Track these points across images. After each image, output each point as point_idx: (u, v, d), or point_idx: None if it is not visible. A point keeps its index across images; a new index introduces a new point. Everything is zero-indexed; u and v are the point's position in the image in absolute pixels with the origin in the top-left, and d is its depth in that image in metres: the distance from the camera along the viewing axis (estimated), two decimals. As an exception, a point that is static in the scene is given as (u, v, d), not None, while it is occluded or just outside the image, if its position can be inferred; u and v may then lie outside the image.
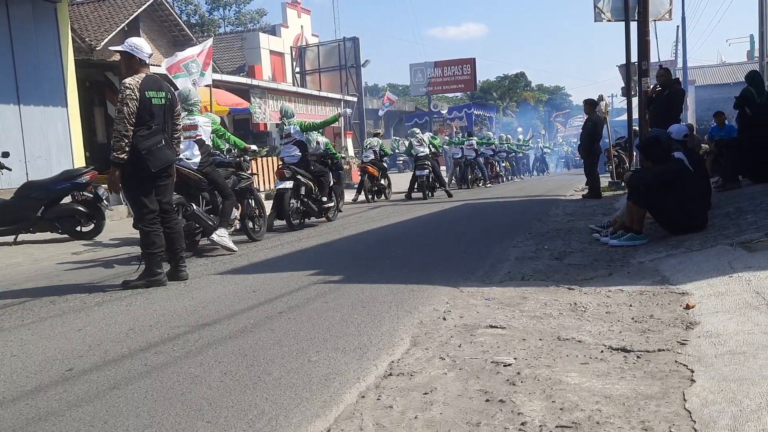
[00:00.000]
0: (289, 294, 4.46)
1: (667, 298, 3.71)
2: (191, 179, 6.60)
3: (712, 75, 42.77)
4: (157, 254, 5.04)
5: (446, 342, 3.11)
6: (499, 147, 23.62)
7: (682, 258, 4.70)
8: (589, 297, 3.89)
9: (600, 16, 12.79)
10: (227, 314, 3.94)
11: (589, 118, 11.87)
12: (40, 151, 11.18)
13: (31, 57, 11.16)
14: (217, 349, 3.18)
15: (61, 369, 2.99)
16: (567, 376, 2.54)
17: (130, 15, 20.11)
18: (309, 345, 3.17)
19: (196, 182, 6.66)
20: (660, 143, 5.84)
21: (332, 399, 2.44)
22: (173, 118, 5.23)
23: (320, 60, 29.31)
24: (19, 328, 3.91)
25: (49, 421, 2.36)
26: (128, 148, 4.81)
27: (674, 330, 3.07)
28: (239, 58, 28.72)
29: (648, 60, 11.82)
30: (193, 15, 41.27)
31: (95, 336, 3.59)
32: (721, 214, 6.21)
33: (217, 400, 2.47)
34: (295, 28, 30.47)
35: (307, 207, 9.13)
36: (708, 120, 29.10)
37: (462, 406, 2.32)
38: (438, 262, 5.56)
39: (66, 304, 4.56)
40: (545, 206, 10.83)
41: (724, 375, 2.38)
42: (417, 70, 36.04)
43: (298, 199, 8.98)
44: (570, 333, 3.14)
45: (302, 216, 9.23)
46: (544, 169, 32.64)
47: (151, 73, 5.10)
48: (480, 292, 4.20)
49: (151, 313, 4.09)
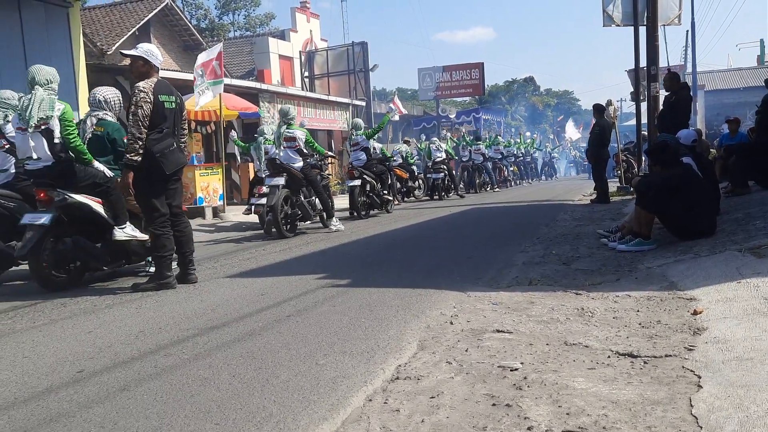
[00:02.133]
0: (297, 297, 4.48)
1: (674, 303, 3.71)
2: (296, 178, 8.74)
3: (721, 80, 42.53)
4: (167, 257, 5.08)
5: (453, 346, 3.12)
6: (507, 151, 23.63)
7: (691, 263, 4.69)
8: (596, 302, 3.89)
9: (609, 20, 12.79)
10: (236, 317, 3.96)
11: (597, 122, 11.87)
12: (51, 155, 11.28)
13: (43, 61, 11.15)
14: (225, 352, 3.20)
15: (72, 370, 3.03)
16: (574, 381, 2.54)
17: (141, 20, 20.25)
18: (317, 348, 3.19)
19: (299, 181, 8.78)
20: (668, 148, 5.84)
21: (339, 402, 2.46)
22: (181, 122, 5.28)
23: (329, 64, 29.38)
24: (30, 329, 3.95)
25: (60, 422, 2.39)
26: (142, 150, 4.87)
27: (682, 335, 3.07)
28: (248, 63, 28.84)
29: (657, 65, 11.81)
30: (203, 20, 41.47)
31: (105, 338, 3.62)
32: (730, 220, 6.19)
33: (226, 402, 2.50)
34: (304, 33, 30.57)
35: (371, 200, 11.47)
36: (717, 125, 28.97)
37: (469, 410, 2.33)
38: (445, 266, 5.57)
39: (76, 306, 4.60)
40: (553, 211, 10.82)
41: (732, 381, 2.38)
42: (425, 74, 36.04)
43: (364, 194, 11.23)
44: (577, 338, 3.14)
45: (368, 208, 11.44)
46: (552, 174, 32.59)
47: (161, 78, 5.16)
48: (487, 296, 4.21)
49: (160, 316, 4.12)
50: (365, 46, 28.87)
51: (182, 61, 22.15)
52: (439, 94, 36.34)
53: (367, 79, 28.80)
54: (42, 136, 5.03)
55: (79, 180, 5.26)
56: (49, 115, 5.01)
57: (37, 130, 5.01)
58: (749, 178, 8.72)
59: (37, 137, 5.03)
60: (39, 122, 4.98)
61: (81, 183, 5.27)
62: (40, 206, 5.12)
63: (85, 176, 5.29)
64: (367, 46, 28.89)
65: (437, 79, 35.54)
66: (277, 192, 8.45)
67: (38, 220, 5.02)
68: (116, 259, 5.62)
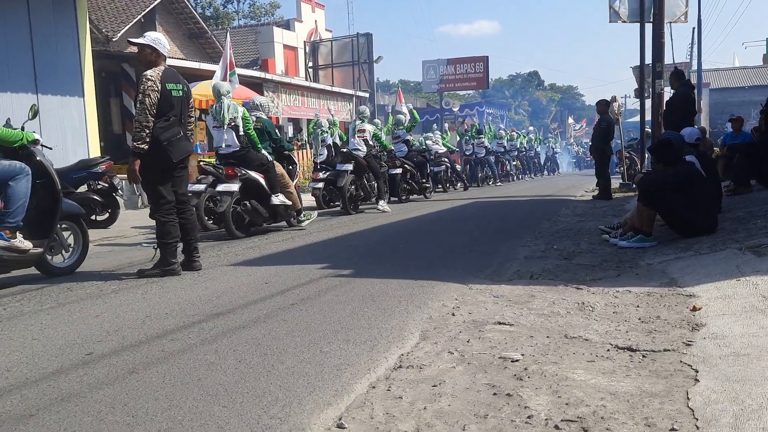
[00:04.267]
0: (301, 286, 4.54)
1: (674, 299, 3.76)
2: (361, 165, 10.48)
3: (727, 78, 42.43)
4: (172, 244, 5.13)
5: (455, 337, 3.18)
6: (510, 145, 23.62)
7: (691, 261, 4.74)
8: (596, 297, 3.94)
9: (615, 16, 12.80)
10: (241, 304, 4.02)
11: (602, 118, 11.85)
12: (56, 140, 11.30)
13: (50, 46, 11.29)
14: (231, 338, 3.26)
15: (81, 353, 3.09)
16: (573, 373, 2.60)
17: (147, 7, 20.20)
18: (320, 336, 3.24)
19: (363, 167, 10.52)
20: (671, 146, 5.87)
21: (343, 388, 2.51)
22: (188, 110, 5.31)
23: (333, 55, 29.32)
24: (38, 312, 4.01)
25: (71, 402, 2.45)
26: (149, 138, 4.91)
27: (680, 331, 3.12)
28: (253, 52, 28.77)
29: (662, 62, 11.82)
30: (208, 8, 41.38)
31: (113, 322, 3.68)
32: (731, 218, 6.23)
33: (233, 386, 2.55)
34: (309, 23, 30.50)
35: (411, 187, 13.25)
36: (722, 123, 28.94)
37: (470, 399, 2.38)
38: (447, 259, 5.62)
39: (83, 290, 4.66)
40: (555, 206, 10.86)
41: (728, 375, 2.43)
42: (429, 66, 35.97)
43: (404, 181, 12.95)
44: (577, 331, 3.19)
45: (407, 193, 13.12)
46: (554, 169, 32.58)
47: (168, 66, 5.19)
48: (489, 289, 4.26)
49: (166, 302, 4.18)
50: (370, 38, 28.82)
51: (187, 49, 22.13)
52: (443, 87, 36.27)
53: (371, 70, 28.77)
54: (232, 130, 7.35)
55: (251, 161, 7.49)
56: (235, 116, 7.32)
57: (229, 126, 7.33)
58: (751, 177, 8.76)
59: (228, 132, 7.37)
60: (230, 121, 7.30)
61: (253, 164, 7.50)
62: (227, 179, 7.27)
63: (255, 159, 7.53)
64: (372, 37, 28.85)
65: (441, 72, 35.47)
66: (346, 176, 10.20)
67: (231, 188, 7.20)
68: (271, 218, 7.81)
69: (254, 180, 7.44)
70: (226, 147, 7.44)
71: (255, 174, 7.46)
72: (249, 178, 7.39)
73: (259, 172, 7.52)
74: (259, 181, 7.48)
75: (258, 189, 7.51)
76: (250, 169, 7.43)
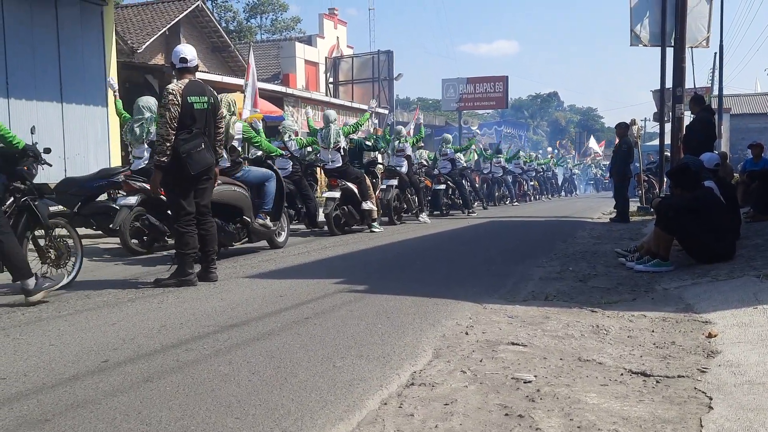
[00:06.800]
0: (315, 300, 4.56)
1: (689, 325, 3.73)
2: (404, 180, 11.80)
3: (748, 103, 42.11)
4: (191, 255, 5.18)
5: (468, 356, 3.18)
6: (528, 165, 23.59)
7: (708, 287, 4.70)
8: (611, 320, 3.92)
9: (636, 40, 12.78)
10: (255, 317, 4.05)
11: (623, 140, 11.78)
12: (79, 149, 11.52)
13: (76, 57, 11.53)
14: (245, 350, 3.28)
15: (97, 360, 3.13)
16: (586, 396, 2.59)
17: (172, 20, 20.57)
18: (334, 351, 3.26)
19: (405, 182, 11.88)
20: (689, 171, 5.84)
21: (355, 404, 2.52)
22: (216, 122, 5.39)
23: (354, 71, 29.59)
24: (56, 318, 4.07)
25: (86, 408, 2.48)
26: (170, 151, 4.99)
27: (695, 357, 3.10)
28: (275, 66, 29.12)
29: (683, 86, 11.79)
30: (232, 22, 41.99)
31: (129, 330, 3.72)
32: (749, 245, 6.17)
33: (246, 398, 2.58)
34: (331, 39, 30.83)
35: (453, 202, 14.85)
36: (742, 149, 28.66)
37: (481, 419, 2.38)
38: (462, 278, 5.62)
39: (100, 298, 4.72)
40: (572, 227, 10.81)
41: (742, 404, 2.41)
42: (449, 85, 36.11)
43: (447, 196, 14.53)
44: (591, 354, 3.18)
45: (449, 208, 14.60)
46: (572, 190, 32.44)
47: (195, 78, 5.29)
48: (503, 309, 4.25)
49: (182, 312, 4.22)
50: (390, 55, 29.06)
51: (210, 63, 22.45)
52: (462, 106, 36.37)
53: (390, 87, 28.98)
54: (336, 151, 9.39)
55: (350, 175, 9.50)
56: (338, 140, 9.38)
57: (334, 148, 9.38)
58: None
59: (333, 152, 9.40)
60: (334, 143, 9.33)
61: (350, 177, 9.48)
62: (330, 188, 9.38)
63: (352, 173, 9.56)
64: (393, 55, 29.09)
65: (461, 91, 35.58)
66: (392, 190, 11.36)
67: (334, 194, 9.26)
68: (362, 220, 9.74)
69: (350, 189, 9.37)
70: (331, 163, 9.44)
71: (351, 185, 9.36)
72: (347, 188, 9.34)
73: (354, 183, 9.39)
74: (353, 190, 9.38)
75: (353, 196, 9.42)
76: (348, 180, 9.35)
